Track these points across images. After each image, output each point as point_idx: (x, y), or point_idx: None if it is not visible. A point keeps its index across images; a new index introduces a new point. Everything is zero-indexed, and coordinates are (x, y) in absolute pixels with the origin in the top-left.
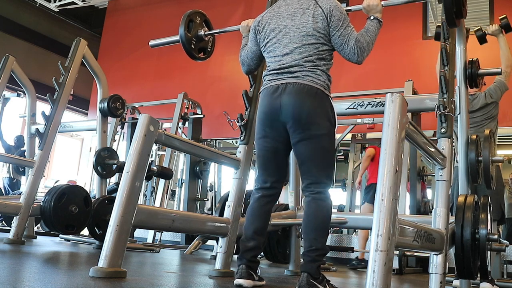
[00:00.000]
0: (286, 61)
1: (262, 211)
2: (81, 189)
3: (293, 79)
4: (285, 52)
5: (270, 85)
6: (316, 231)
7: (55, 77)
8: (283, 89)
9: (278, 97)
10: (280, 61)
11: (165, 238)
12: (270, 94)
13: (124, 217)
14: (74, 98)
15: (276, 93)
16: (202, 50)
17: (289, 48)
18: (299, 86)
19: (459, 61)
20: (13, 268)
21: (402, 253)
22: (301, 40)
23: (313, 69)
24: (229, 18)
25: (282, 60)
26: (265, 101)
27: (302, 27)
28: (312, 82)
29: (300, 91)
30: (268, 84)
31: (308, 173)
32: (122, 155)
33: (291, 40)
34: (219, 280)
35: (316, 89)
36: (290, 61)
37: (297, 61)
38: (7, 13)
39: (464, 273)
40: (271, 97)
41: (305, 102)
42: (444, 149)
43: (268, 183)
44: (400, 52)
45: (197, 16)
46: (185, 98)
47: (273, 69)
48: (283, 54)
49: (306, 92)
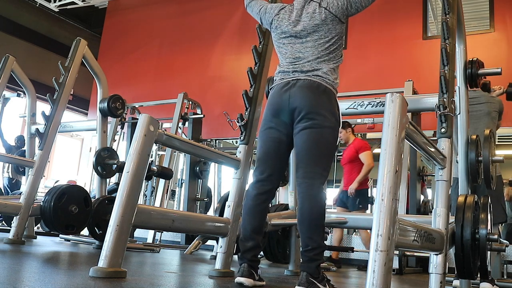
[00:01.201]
0: (298, 63)
1: (258, 209)
2: (81, 189)
3: (303, 75)
4: (297, 56)
5: (281, 81)
6: (311, 229)
7: (55, 77)
8: (294, 84)
9: (288, 89)
10: (293, 63)
11: (165, 238)
12: (280, 88)
13: (124, 217)
14: (74, 98)
15: (286, 86)
16: None
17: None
18: (309, 82)
19: (459, 61)
20: (13, 268)
21: (402, 253)
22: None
23: (324, 68)
24: (229, 18)
25: (294, 61)
26: (275, 93)
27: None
28: (322, 80)
29: (310, 85)
30: (279, 82)
31: (306, 161)
32: (122, 155)
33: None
34: (219, 280)
35: (325, 87)
36: (302, 63)
37: (310, 62)
38: (7, 13)
39: (464, 273)
40: (281, 91)
41: (313, 95)
42: (444, 149)
43: (265, 174)
44: (400, 52)
45: None
46: (185, 98)
47: (285, 70)
48: (295, 57)
49: (315, 87)
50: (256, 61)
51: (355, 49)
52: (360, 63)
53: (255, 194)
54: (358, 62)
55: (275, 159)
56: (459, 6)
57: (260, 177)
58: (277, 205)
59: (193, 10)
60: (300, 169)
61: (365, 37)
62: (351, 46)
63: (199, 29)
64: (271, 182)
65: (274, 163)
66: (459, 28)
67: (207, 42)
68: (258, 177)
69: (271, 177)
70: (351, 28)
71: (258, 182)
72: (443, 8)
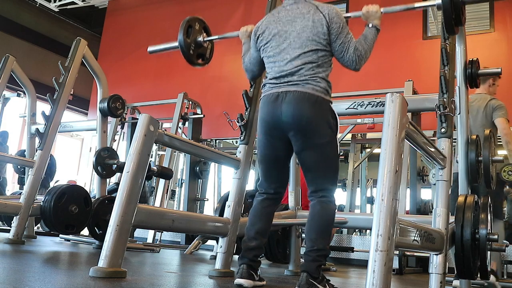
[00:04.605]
0: (286, 68)
1: (265, 212)
2: (81, 189)
3: (293, 87)
4: (285, 58)
5: (270, 93)
6: (319, 232)
7: (55, 77)
8: (283, 98)
9: (279, 106)
10: (279, 68)
11: (165, 238)
12: (270, 102)
13: (124, 217)
14: (74, 98)
15: (276, 101)
16: (201, 56)
17: (289, 55)
18: (299, 94)
19: (459, 61)
20: (13, 268)
21: (402, 253)
22: (301, 45)
23: (313, 76)
24: (229, 19)
25: (282, 67)
26: (265, 109)
27: (302, 32)
28: (312, 89)
29: (300, 99)
30: (268, 92)
31: (313, 181)
32: (122, 155)
33: (291, 45)
34: (219, 280)
35: (316, 97)
36: (290, 68)
37: (298, 67)
38: (7, 13)
39: (464, 273)
40: (271, 106)
41: (305, 111)
42: (444, 149)
43: (272, 189)
44: (400, 52)
45: (196, 22)
46: (185, 98)
47: (273, 77)
48: (283, 60)
49: (306, 100)
50: None
51: None
52: None
53: (263, 199)
54: None
55: (276, 174)
56: None
57: (268, 190)
58: None
59: (193, 10)
60: (310, 186)
61: None
62: None
63: None
64: (279, 193)
65: (276, 178)
66: None
67: None
68: (266, 190)
69: (278, 189)
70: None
71: (266, 193)
72: None
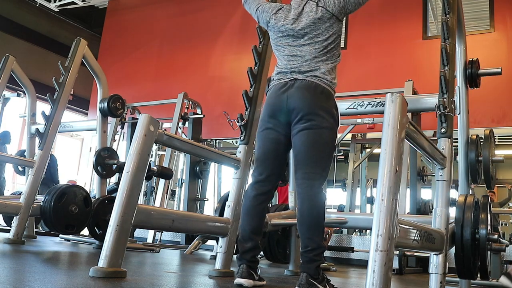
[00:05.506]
0: (296, 63)
1: (257, 210)
2: (81, 189)
3: (301, 76)
4: (294, 55)
5: (279, 82)
6: (311, 230)
7: (55, 77)
8: (291, 84)
9: (285, 90)
10: (290, 63)
11: (165, 238)
12: (278, 89)
13: (124, 217)
14: (74, 98)
15: (284, 87)
16: None
17: (299, 51)
18: (307, 82)
19: (459, 61)
20: (13, 268)
21: (402, 253)
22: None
23: (322, 68)
24: (229, 18)
25: (292, 61)
26: (273, 94)
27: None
28: (320, 80)
29: (307, 86)
30: (276, 82)
31: (304, 162)
32: (122, 155)
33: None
34: (219, 280)
35: (322, 87)
36: (300, 62)
37: (308, 62)
38: (7, 13)
39: (464, 273)
40: (278, 91)
41: (311, 96)
42: (444, 149)
43: (264, 175)
44: (400, 52)
45: None
46: (185, 98)
47: (283, 71)
48: (293, 56)
49: (313, 88)
50: (256, 61)
51: (355, 49)
52: (360, 63)
53: (254, 195)
54: (358, 62)
55: (273, 159)
56: (459, 6)
57: (259, 178)
58: (277, 205)
59: (193, 10)
60: (299, 170)
61: (365, 37)
62: (351, 46)
63: (199, 29)
64: (270, 182)
65: (272, 164)
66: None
67: (207, 42)
68: (257, 178)
69: (270, 178)
70: (351, 28)
71: (257, 183)
72: (443, 8)
